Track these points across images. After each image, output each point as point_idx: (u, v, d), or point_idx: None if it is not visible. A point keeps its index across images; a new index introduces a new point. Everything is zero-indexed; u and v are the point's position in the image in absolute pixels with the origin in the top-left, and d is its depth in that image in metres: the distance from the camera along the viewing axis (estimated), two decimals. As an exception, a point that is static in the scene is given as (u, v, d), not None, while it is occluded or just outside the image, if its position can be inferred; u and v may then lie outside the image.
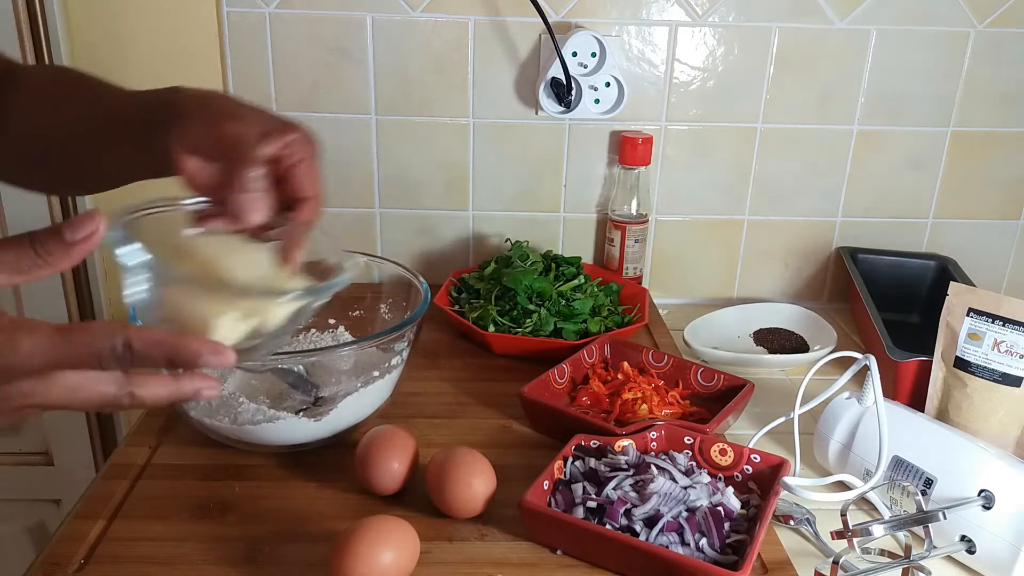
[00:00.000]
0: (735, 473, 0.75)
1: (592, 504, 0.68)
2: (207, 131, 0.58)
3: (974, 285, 0.97)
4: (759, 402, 0.92)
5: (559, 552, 0.68)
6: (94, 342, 0.45)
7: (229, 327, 0.51)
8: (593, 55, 1.11)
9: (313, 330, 0.96)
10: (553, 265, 1.10)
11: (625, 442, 0.75)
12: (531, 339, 0.99)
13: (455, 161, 1.18)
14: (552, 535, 0.68)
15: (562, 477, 0.73)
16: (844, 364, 0.79)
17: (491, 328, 1.01)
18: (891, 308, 1.11)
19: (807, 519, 0.73)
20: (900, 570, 0.65)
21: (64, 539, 0.68)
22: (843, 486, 0.74)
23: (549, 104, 1.12)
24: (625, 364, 0.94)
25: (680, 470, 0.72)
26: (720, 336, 1.10)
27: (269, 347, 0.56)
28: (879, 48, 1.14)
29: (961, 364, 0.83)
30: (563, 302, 1.03)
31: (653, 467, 0.71)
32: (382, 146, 1.16)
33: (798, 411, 0.81)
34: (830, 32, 1.13)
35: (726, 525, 0.67)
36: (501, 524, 0.71)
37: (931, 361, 0.86)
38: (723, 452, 0.76)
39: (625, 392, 0.87)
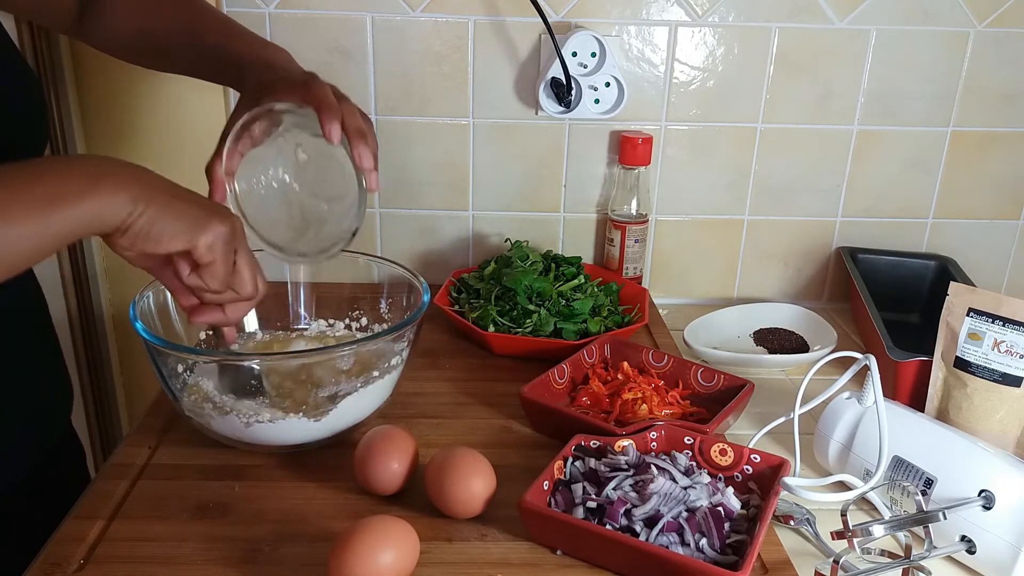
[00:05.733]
0: (735, 473, 0.75)
1: (592, 504, 0.68)
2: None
3: (974, 285, 0.97)
4: (759, 402, 0.92)
5: (559, 552, 0.68)
6: None
7: None
8: (593, 55, 1.11)
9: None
10: (553, 265, 1.10)
11: (625, 442, 0.75)
12: (531, 339, 0.99)
13: (455, 161, 1.18)
14: (552, 535, 0.68)
15: (562, 477, 0.73)
16: (844, 364, 0.79)
17: (491, 328, 1.01)
18: (891, 308, 1.11)
19: (807, 519, 0.73)
20: (900, 570, 0.65)
21: (64, 539, 0.68)
22: (843, 486, 0.74)
23: (549, 104, 1.12)
24: (625, 364, 0.94)
25: (680, 470, 0.72)
26: (720, 336, 1.10)
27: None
28: (879, 48, 1.14)
29: (961, 364, 0.83)
30: (563, 302, 1.03)
31: (653, 467, 0.71)
32: (382, 146, 1.14)
33: (798, 411, 0.81)
34: (830, 32, 1.13)
35: (726, 525, 0.67)
36: (501, 524, 0.71)
37: (931, 361, 0.86)
38: (723, 452, 0.76)
39: (625, 392, 0.87)
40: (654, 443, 0.77)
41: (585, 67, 1.11)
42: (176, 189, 0.63)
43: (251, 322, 0.94)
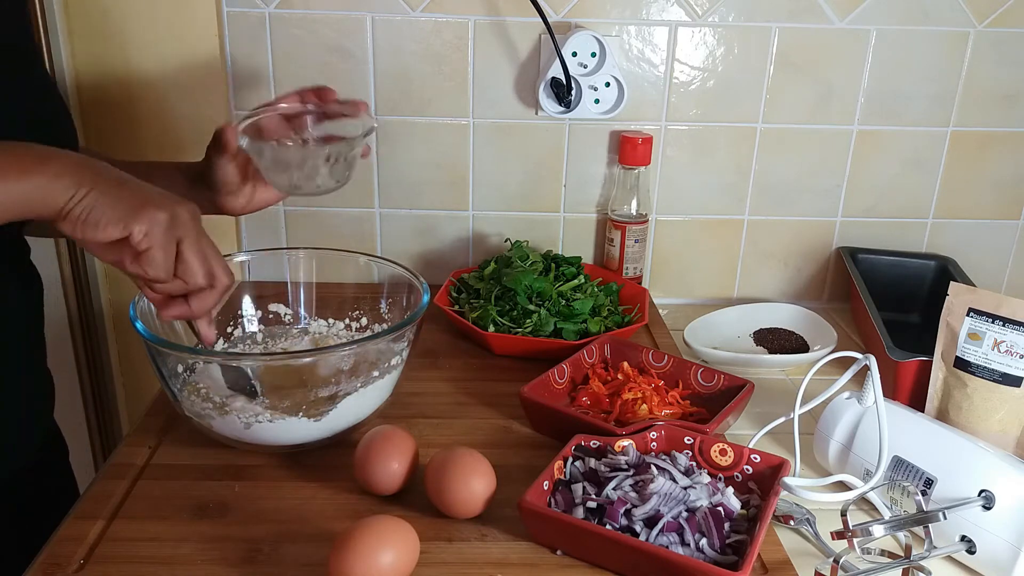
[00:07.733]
0: (735, 473, 0.75)
1: (592, 504, 0.68)
2: None
3: (974, 285, 0.97)
4: (759, 402, 0.92)
5: (559, 552, 0.68)
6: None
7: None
8: (593, 55, 1.11)
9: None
10: (553, 265, 1.10)
11: (625, 442, 0.75)
12: (531, 339, 0.99)
13: (455, 161, 1.18)
14: (552, 535, 0.68)
15: (562, 477, 0.73)
16: (844, 364, 0.79)
17: (491, 328, 1.01)
18: (891, 308, 1.11)
19: (807, 519, 0.73)
20: (900, 570, 0.65)
21: (64, 539, 0.68)
22: (843, 486, 0.74)
23: (549, 104, 1.12)
24: (625, 364, 0.94)
25: (680, 470, 0.72)
26: (720, 336, 1.10)
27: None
28: (879, 48, 1.14)
29: (961, 364, 0.83)
30: (563, 302, 1.03)
31: (653, 467, 0.71)
32: (382, 146, 1.16)
33: (798, 411, 0.81)
34: (830, 32, 1.13)
35: (726, 525, 0.67)
36: (501, 524, 0.71)
37: (931, 361, 0.86)
38: (723, 452, 0.76)
39: (625, 392, 0.87)
40: (654, 443, 0.77)
41: (585, 67, 1.11)
42: (124, 178, 0.63)
43: (251, 323, 0.94)
